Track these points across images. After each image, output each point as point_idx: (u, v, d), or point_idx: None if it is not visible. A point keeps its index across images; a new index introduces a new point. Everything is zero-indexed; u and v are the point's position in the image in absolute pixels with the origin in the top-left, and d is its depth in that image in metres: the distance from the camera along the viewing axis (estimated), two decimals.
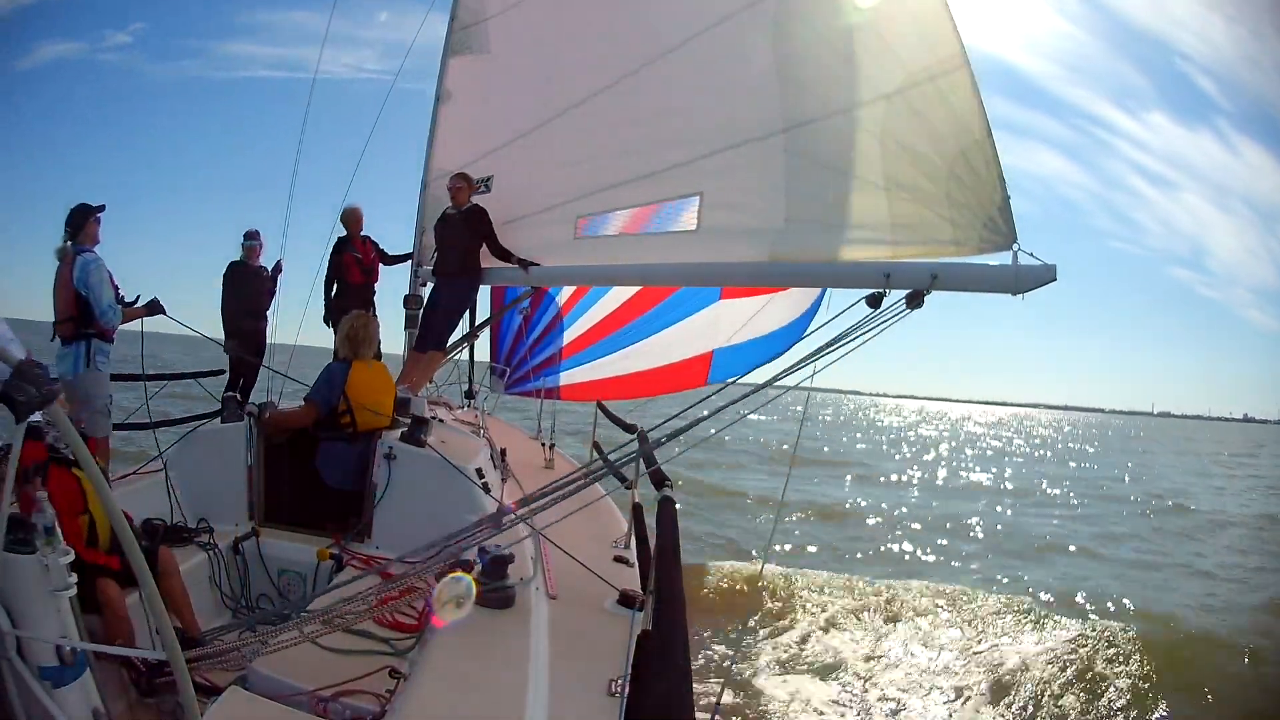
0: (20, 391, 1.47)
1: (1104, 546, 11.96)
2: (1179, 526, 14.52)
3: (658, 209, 3.81)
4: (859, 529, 12.19)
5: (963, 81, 2.73)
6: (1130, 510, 16.60)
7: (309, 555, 3.47)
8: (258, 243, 6.04)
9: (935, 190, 2.79)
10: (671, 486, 3.11)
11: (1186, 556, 11.71)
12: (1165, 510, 16.63)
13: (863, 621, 7.16)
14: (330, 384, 3.92)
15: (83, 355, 4.10)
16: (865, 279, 2.83)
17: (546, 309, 7.82)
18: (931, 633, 7.02)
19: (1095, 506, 16.85)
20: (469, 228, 4.77)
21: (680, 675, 1.52)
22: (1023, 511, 15.46)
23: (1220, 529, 14.57)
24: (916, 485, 18.90)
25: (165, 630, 1.61)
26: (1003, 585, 8.94)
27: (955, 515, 13.78)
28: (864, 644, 6.64)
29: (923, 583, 8.46)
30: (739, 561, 8.75)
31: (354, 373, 3.96)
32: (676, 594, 2.00)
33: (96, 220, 4.20)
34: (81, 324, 4.09)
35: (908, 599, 7.79)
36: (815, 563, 9.39)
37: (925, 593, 8.04)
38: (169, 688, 2.28)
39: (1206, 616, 7.96)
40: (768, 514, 12.00)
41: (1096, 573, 10.13)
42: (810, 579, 8.21)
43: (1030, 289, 2.53)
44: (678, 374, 7.58)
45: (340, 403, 3.88)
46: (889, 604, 7.65)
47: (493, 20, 5.02)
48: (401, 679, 2.17)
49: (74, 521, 2.62)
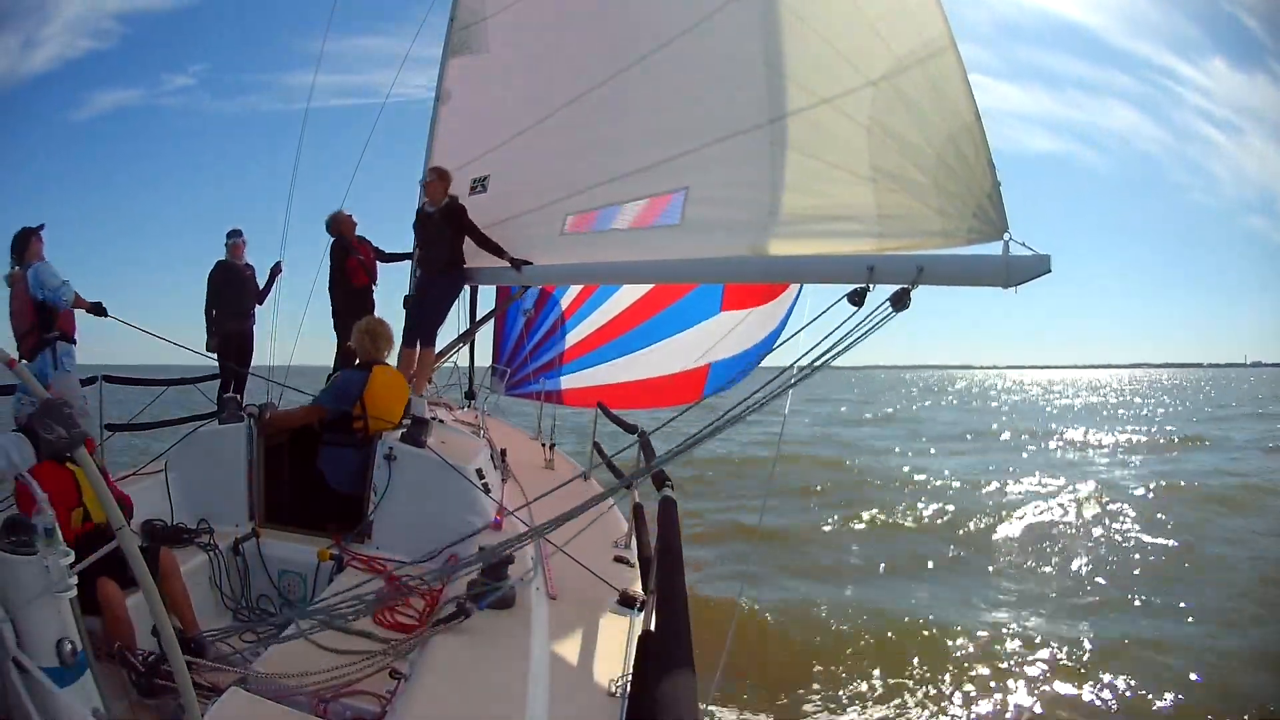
0: (49, 430, 1.47)
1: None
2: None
3: (644, 205, 3.79)
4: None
5: (950, 63, 2.65)
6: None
7: (309, 556, 3.48)
8: (241, 239, 6.02)
9: (924, 179, 2.71)
10: (673, 487, 3.10)
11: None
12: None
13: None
14: (345, 393, 3.93)
15: (49, 360, 4.21)
16: (848, 273, 2.70)
17: (550, 311, 7.83)
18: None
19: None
20: (449, 224, 4.77)
21: (682, 676, 1.51)
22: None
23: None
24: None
25: (165, 631, 1.61)
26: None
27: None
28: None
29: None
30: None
31: (374, 379, 3.99)
32: (678, 594, 2.00)
33: (39, 239, 4.41)
34: (43, 329, 4.19)
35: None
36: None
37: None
38: (169, 688, 2.27)
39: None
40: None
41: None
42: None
43: (1021, 282, 2.38)
44: (676, 387, 7.63)
45: (355, 408, 3.90)
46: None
47: (491, 20, 5.02)
48: (402, 679, 2.17)
49: (67, 515, 2.64)
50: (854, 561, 8.91)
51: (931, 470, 15.35)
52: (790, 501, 11.97)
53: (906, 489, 13.36)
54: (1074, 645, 6.11)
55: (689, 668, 1.58)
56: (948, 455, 18.56)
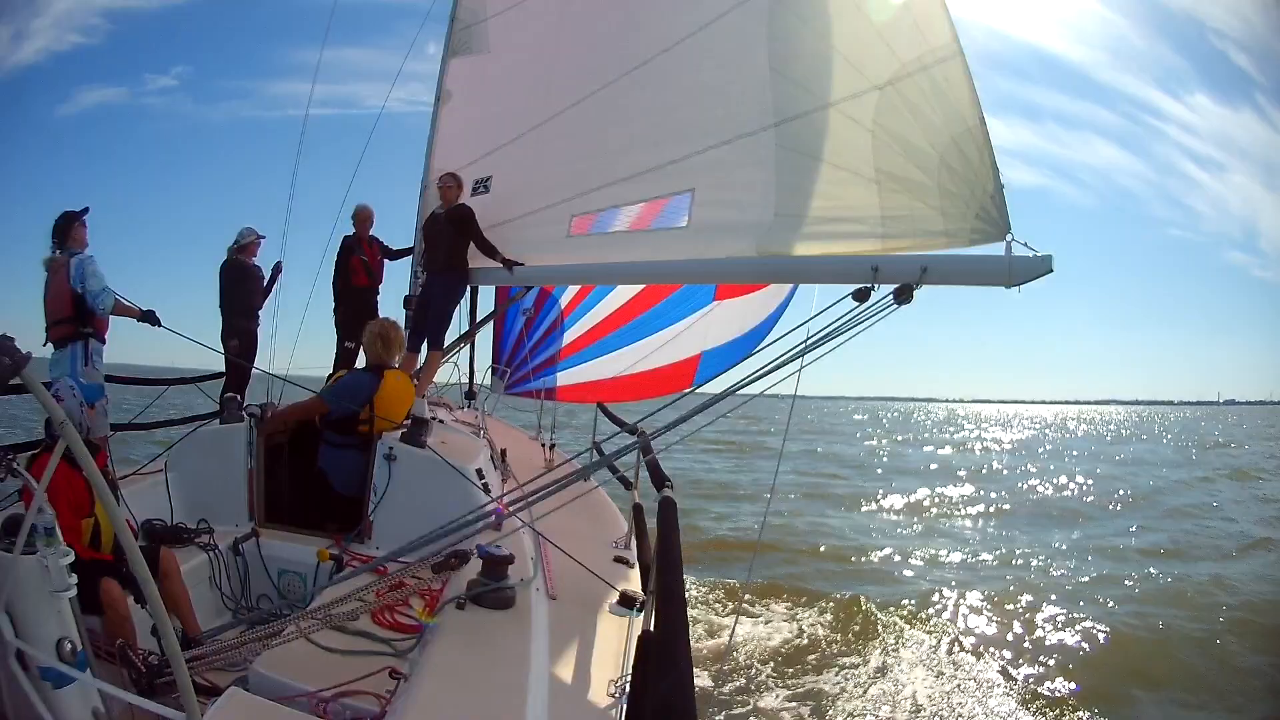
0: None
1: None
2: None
3: (650, 206, 3.79)
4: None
5: (956, 70, 2.68)
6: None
7: (309, 555, 3.47)
8: (260, 239, 6.01)
9: (927, 181, 2.73)
10: (672, 486, 3.10)
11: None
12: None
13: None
14: (353, 395, 3.93)
15: (80, 355, 4.12)
16: (853, 273, 2.73)
17: (549, 311, 7.84)
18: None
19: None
20: (455, 227, 4.79)
21: (682, 676, 1.51)
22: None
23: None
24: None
25: (165, 631, 1.61)
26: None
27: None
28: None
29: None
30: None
31: (385, 384, 4.00)
32: (678, 594, 2.00)
33: (82, 224, 4.26)
34: (79, 323, 4.11)
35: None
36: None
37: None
38: (169, 688, 2.27)
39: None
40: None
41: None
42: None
43: (1024, 281, 2.42)
44: (667, 377, 7.62)
45: (363, 410, 3.90)
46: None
47: (492, 20, 5.02)
48: (402, 679, 2.17)
49: (79, 523, 2.63)
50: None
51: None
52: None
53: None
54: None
55: (689, 668, 1.58)
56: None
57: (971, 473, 21.23)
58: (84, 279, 4.08)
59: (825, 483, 17.50)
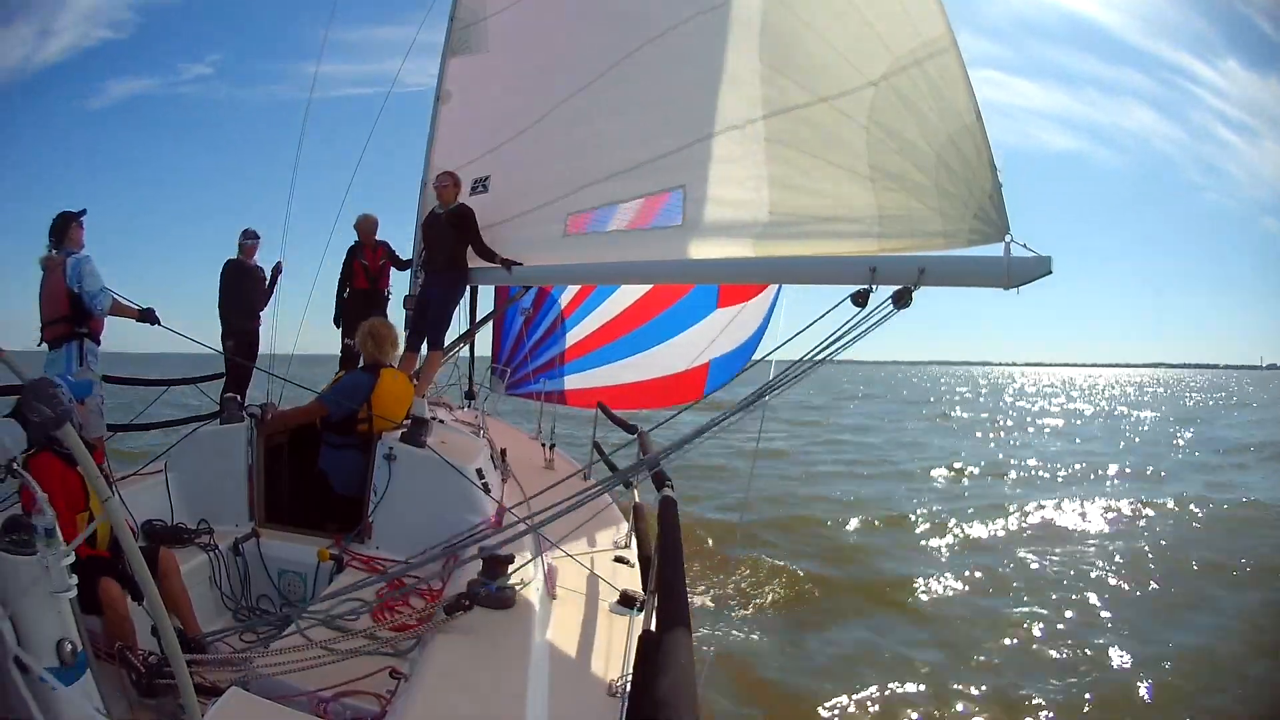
0: (34, 411, 1.47)
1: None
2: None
3: (644, 205, 3.77)
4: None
5: (951, 64, 2.65)
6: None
7: (309, 556, 3.48)
8: (256, 241, 6.05)
9: (924, 180, 2.71)
10: (672, 486, 3.10)
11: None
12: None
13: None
14: (351, 395, 3.94)
15: (75, 355, 4.13)
16: (850, 274, 2.70)
17: (548, 311, 7.85)
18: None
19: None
20: (453, 227, 4.78)
21: (683, 676, 1.51)
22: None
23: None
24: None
25: (165, 631, 1.61)
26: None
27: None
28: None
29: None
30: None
31: (381, 383, 4.02)
32: (679, 593, 2.00)
33: (80, 225, 4.26)
34: (74, 323, 4.12)
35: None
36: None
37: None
38: (169, 688, 2.27)
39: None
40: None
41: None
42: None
43: (1023, 283, 2.39)
44: (678, 386, 7.66)
45: (361, 410, 3.91)
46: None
47: (491, 19, 5.01)
48: (402, 679, 2.17)
49: (74, 518, 2.62)
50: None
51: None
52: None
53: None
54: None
55: (689, 668, 1.58)
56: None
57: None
58: (81, 279, 4.08)
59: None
